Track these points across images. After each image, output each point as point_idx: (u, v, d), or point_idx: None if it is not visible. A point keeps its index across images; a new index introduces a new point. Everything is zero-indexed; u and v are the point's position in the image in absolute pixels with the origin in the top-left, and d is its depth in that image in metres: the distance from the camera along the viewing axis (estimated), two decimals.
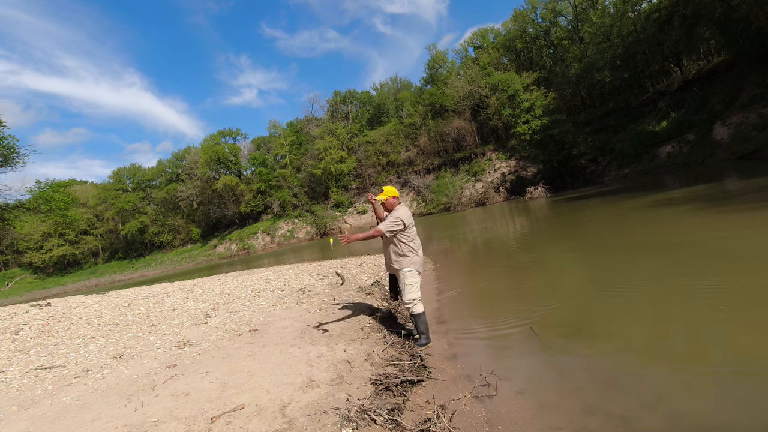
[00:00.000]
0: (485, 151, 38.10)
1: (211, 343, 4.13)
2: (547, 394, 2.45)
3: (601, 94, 33.39)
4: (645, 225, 7.62)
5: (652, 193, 12.21)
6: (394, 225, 3.48)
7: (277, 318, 4.94)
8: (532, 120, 27.08)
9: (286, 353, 3.45)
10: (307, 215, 46.43)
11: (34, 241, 54.97)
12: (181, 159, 61.35)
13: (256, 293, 7.24)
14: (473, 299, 5.18)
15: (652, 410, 2.08)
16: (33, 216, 19.98)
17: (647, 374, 2.44)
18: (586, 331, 3.29)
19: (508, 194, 30.90)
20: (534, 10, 37.22)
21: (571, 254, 6.66)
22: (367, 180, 46.77)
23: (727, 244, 4.89)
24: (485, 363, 3.01)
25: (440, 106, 43.12)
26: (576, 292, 4.48)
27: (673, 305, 3.37)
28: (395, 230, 3.49)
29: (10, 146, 17.39)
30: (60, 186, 21.14)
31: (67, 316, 6.99)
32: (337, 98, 55.77)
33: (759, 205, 6.69)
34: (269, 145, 57.26)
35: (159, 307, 7.12)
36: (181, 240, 57.90)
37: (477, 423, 2.27)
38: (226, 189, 52.15)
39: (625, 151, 25.15)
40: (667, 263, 4.66)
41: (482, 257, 9.02)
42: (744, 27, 19.24)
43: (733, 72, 21.47)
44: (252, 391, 2.70)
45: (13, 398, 3.23)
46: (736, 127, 18.83)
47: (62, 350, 4.67)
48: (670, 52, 27.64)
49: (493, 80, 30.44)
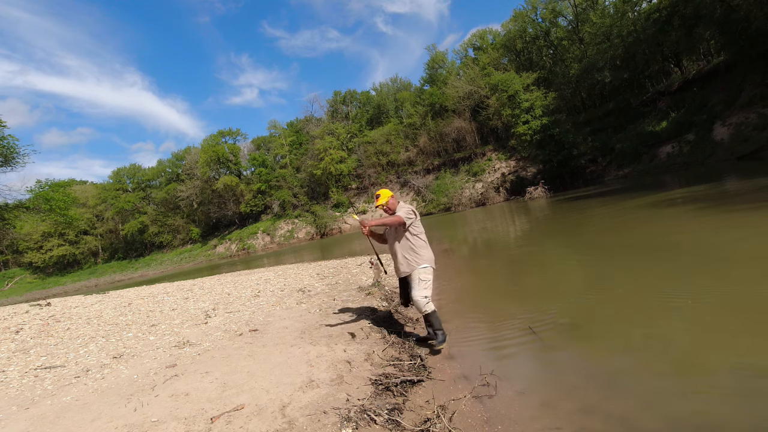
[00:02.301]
0: (485, 151, 38.10)
1: (211, 343, 4.13)
2: (547, 394, 2.45)
3: (601, 94, 33.40)
4: (645, 225, 7.61)
5: (652, 193, 12.21)
6: (409, 214, 3.43)
7: (277, 318, 4.93)
8: (532, 120, 27.09)
9: (286, 353, 3.45)
10: (307, 215, 46.42)
11: (34, 241, 54.95)
12: (181, 159, 61.37)
13: (256, 293, 7.24)
14: (473, 299, 5.17)
15: (652, 410, 2.07)
16: (33, 216, 19.98)
17: (647, 374, 2.44)
18: (586, 331, 3.29)
19: (508, 194, 30.89)
20: (534, 11, 37.24)
21: (571, 254, 6.66)
22: (367, 180, 46.76)
23: (727, 244, 4.89)
24: (485, 363, 3.00)
25: (440, 106, 43.13)
26: (576, 292, 4.48)
27: (673, 305, 3.37)
28: (412, 218, 3.45)
29: (10, 146, 17.38)
30: (60, 186, 21.11)
31: (67, 316, 6.99)
32: (337, 98, 55.81)
33: (759, 206, 6.69)
34: (269, 145, 57.28)
35: (159, 307, 7.12)
36: (181, 240, 57.89)
37: (477, 423, 2.27)
38: (226, 189, 52.16)
39: (625, 151, 25.15)
40: (668, 264, 4.66)
41: (482, 257, 9.02)
42: (744, 27, 19.24)
43: (733, 72, 21.46)
44: (252, 391, 2.70)
45: (13, 398, 3.23)
46: (736, 127, 18.83)
47: (62, 350, 4.67)
48: (670, 52, 27.64)
49: (493, 80, 30.46)
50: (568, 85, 33.49)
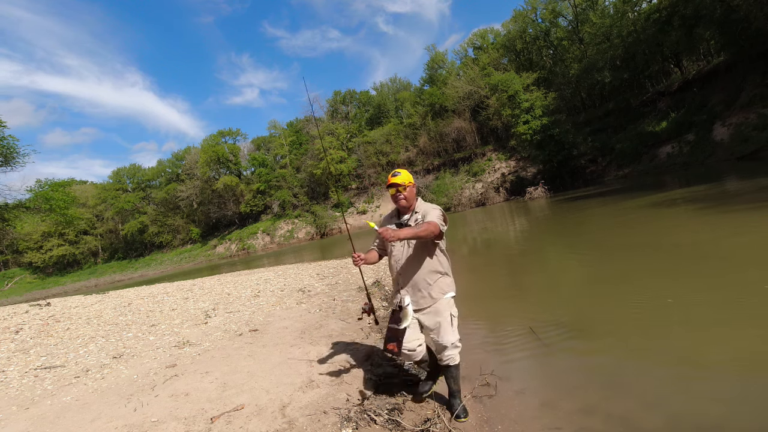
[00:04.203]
0: (485, 152, 38.09)
1: (211, 343, 4.13)
2: (547, 394, 2.45)
3: (601, 94, 33.38)
4: (645, 225, 7.61)
5: (651, 193, 12.21)
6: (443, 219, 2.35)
7: (277, 318, 4.93)
8: (532, 120, 27.08)
9: (286, 353, 3.45)
10: (307, 215, 46.42)
11: (34, 241, 54.94)
12: (181, 159, 61.38)
13: (256, 293, 7.24)
14: (473, 299, 5.17)
15: (652, 410, 2.08)
16: (33, 215, 19.97)
17: (647, 374, 2.44)
18: (586, 331, 3.29)
19: (508, 194, 30.88)
20: (534, 11, 37.24)
21: (570, 254, 6.66)
22: (367, 180, 46.76)
23: (727, 244, 4.89)
24: (485, 363, 3.00)
25: (440, 106, 43.13)
26: (576, 292, 4.48)
27: (673, 305, 3.37)
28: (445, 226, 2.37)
29: (10, 146, 17.37)
30: (59, 185, 21.07)
31: (67, 316, 6.99)
32: (336, 98, 55.79)
33: (759, 206, 6.69)
34: (269, 145, 57.27)
35: (159, 307, 7.11)
36: (181, 240, 57.88)
37: (477, 423, 2.27)
38: (226, 189, 52.17)
39: (625, 152, 25.14)
40: (667, 264, 4.66)
41: (482, 257, 9.02)
42: (744, 27, 19.24)
43: (733, 72, 21.45)
44: (252, 391, 2.70)
45: (13, 398, 3.23)
46: (735, 127, 18.83)
47: (62, 350, 4.67)
48: (670, 52, 27.64)
49: (493, 80, 30.46)
50: (568, 85, 33.48)
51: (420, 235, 2.12)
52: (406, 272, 2.39)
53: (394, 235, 2.00)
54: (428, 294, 2.36)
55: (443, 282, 2.40)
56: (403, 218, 2.46)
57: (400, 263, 2.41)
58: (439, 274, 2.39)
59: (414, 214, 2.43)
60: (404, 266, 2.40)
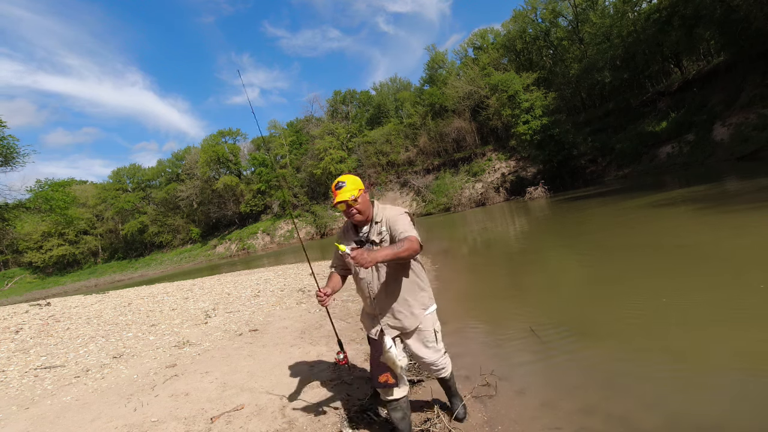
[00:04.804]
0: (485, 152, 38.08)
1: (211, 343, 4.13)
2: (547, 394, 2.45)
3: (601, 94, 33.37)
4: (645, 226, 7.61)
5: (651, 193, 12.21)
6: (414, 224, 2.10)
7: (277, 318, 4.93)
8: (532, 120, 27.08)
9: (286, 353, 3.45)
10: (307, 215, 46.44)
11: (34, 241, 54.93)
12: (181, 159, 61.39)
13: (256, 293, 7.24)
14: (473, 299, 5.17)
15: (652, 410, 2.08)
16: (33, 215, 19.97)
17: (647, 374, 2.44)
18: (586, 331, 3.29)
19: (508, 194, 30.88)
20: (534, 11, 37.22)
21: (571, 255, 6.66)
22: (367, 180, 46.76)
23: (727, 245, 4.89)
24: (485, 363, 3.00)
25: (440, 106, 43.12)
26: (576, 292, 4.48)
27: (673, 305, 3.37)
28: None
29: (10, 146, 17.38)
30: (59, 185, 21.09)
31: (67, 315, 6.99)
32: (336, 98, 55.79)
33: (759, 206, 6.69)
34: (269, 145, 57.27)
35: (159, 306, 7.11)
36: (181, 240, 57.90)
37: (477, 423, 2.27)
38: (226, 189, 52.18)
39: (625, 152, 25.14)
40: (667, 264, 4.66)
41: (482, 257, 9.02)
42: (744, 27, 19.23)
43: (733, 72, 21.45)
44: (252, 391, 2.70)
45: (13, 398, 3.23)
46: (735, 127, 18.82)
47: (62, 350, 4.66)
48: (670, 52, 27.63)
49: (493, 80, 30.46)
50: (568, 85, 33.47)
51: (401, 255, 1.78)
52: (382, 297, 2.04)
53: (371, 259, 1.67)
54: (410, 313, 2.06)
55: (423, 296, 2.11)
56: (362, 232, 2.11)
57: (373, 286, 2.05)
58: (418, 288, 2.10)
59: (374, 225, 2.07)
60: (381, 290, 2.04)
